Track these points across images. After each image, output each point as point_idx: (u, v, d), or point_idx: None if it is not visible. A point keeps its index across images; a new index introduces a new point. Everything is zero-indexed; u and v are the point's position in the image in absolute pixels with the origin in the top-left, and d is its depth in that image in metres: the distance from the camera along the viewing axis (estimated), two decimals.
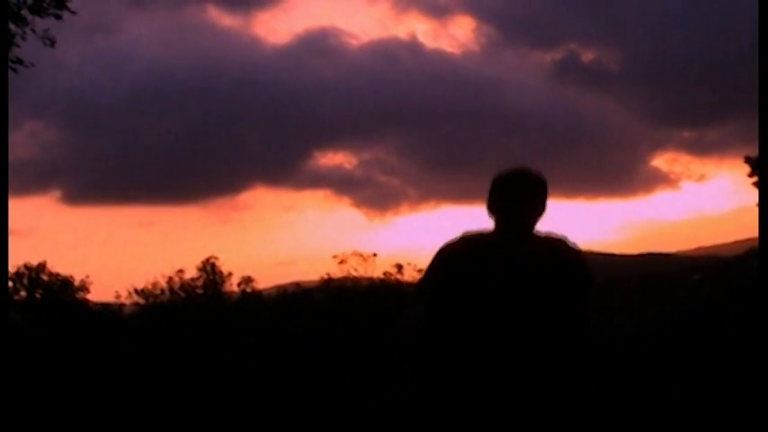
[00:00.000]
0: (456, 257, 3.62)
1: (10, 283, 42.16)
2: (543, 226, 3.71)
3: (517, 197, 3.57)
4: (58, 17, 14.01)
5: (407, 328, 42.16)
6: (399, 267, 44.80)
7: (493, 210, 3.63)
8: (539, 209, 3.62)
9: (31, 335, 38.65)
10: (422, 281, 3.71)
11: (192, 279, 46.69)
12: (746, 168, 39.93)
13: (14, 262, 43.65)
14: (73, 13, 14.17)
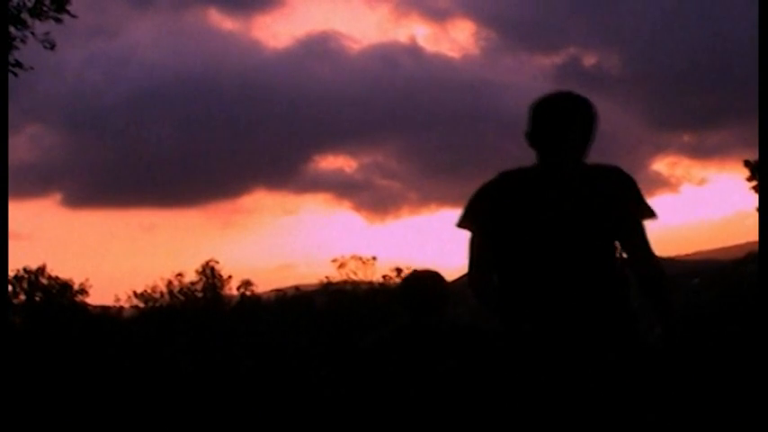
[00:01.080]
0: (493, 196, 3.27)
1: (9, 287, 42.14)
2: None
3: (553, 127, 3.20)
4: (59, 20, 14.01)
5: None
6: (399, 271, 44.77)
7: (529, 142, 3.26)
8: (583, 137, 3.26)
9: (31, 338, 38.64)
10: (462, 223, 3.34)
11: (192, 283, 46.65)
12: (746, 172, 39.94)
13: (15, 265, 43.67)
14: (73, 16, 14.17)
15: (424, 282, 4.05)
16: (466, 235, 3.49)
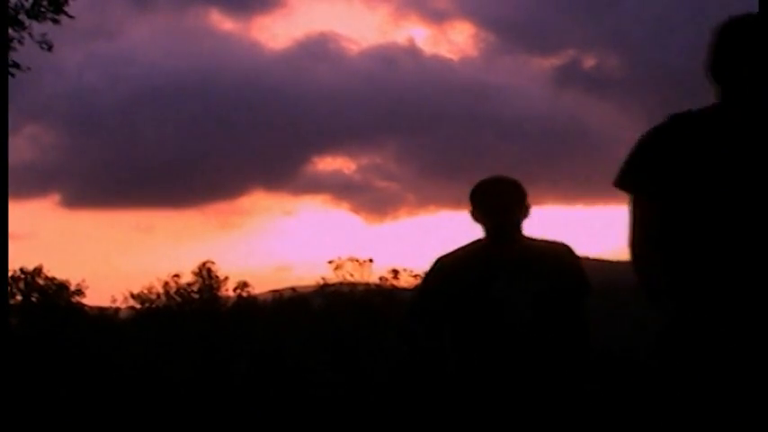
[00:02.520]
0: (664, 146, 2.54)
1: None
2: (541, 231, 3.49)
3: (753, 51, 2.46)
4: (56, 21, 14.02)
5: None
6: (395, 273, 44.77)
7: (714, 74, 2.59)
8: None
9: (27, 338, 38.63)
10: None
11: (188, 284, 46.58)
12: None
13: (12, 266, 43.59)
14: (70, 17, 14.18)
15: (507, 187, 3.50)
16: (473, 231, 3.38)
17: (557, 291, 3.41)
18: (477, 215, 3.47)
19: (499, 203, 3.40)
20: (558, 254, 3.48)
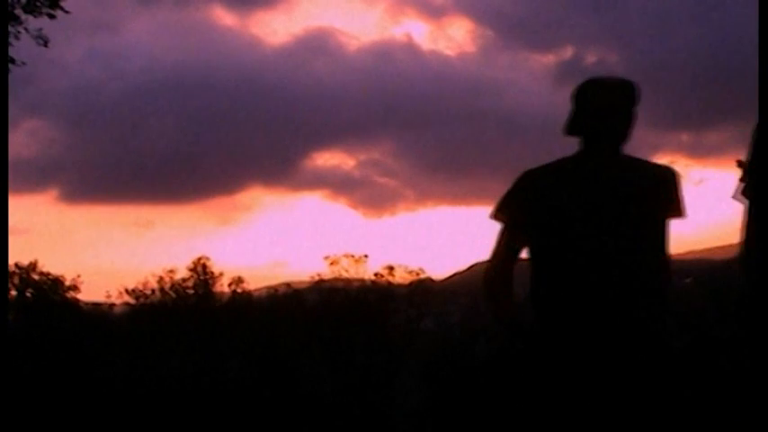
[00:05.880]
0: None
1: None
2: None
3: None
4: (52, 17, 14.00)
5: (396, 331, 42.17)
6: (390, 269, 44.75)
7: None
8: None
9: (22, 334, 38.60)
10: None
11: (183, 279, 46.54)
12: (739, 172, 40.16)
13: (10, 260, 43.56)
14: (66, 12, 14.16)
15: (619, 86, 3.03)
16: (473, 228, 3.43)
17: (655, 217, 3.00)
18: (577, 119, 3.04)
19: (607, 104, 2.99)
20: (662, 177, 3.09)
